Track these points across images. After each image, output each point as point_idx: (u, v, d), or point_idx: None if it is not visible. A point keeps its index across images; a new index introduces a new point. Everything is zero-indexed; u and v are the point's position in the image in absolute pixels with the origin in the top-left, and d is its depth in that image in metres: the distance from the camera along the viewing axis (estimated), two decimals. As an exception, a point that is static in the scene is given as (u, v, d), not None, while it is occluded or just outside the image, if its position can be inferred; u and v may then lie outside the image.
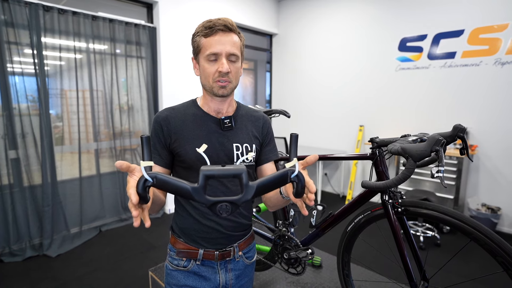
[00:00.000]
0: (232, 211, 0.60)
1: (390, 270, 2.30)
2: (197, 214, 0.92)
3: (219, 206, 0.59)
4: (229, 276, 0.97)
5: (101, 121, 3.21)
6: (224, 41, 0.84)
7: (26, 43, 2.58)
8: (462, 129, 0.94)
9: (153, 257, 2.65)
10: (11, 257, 2.56)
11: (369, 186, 0.97)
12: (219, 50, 0.83)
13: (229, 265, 0.97)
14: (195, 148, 0.87)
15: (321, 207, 1.32)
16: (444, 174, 0.81)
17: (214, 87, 0.87)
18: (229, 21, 0.85)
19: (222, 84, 0.86)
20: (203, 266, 0.94)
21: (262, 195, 0.68)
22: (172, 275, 0.95)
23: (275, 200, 0.88)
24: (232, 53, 0.85)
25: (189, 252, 0.94)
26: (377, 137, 1.13)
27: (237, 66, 0.88)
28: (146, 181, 0.59)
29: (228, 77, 0.86)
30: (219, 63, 0.84)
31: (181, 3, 3.56)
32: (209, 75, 0.86)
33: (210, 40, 0.84)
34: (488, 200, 3.25)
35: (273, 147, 1.04)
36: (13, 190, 2.59)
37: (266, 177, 0.63)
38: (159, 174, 0.59)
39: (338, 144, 4.41)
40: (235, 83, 0.89)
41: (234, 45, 0.85)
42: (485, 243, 0.86)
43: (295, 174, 0.63)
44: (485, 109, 3.19)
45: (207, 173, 0.58)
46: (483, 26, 3.13)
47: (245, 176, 0.59)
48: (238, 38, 0.87)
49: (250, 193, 0.60)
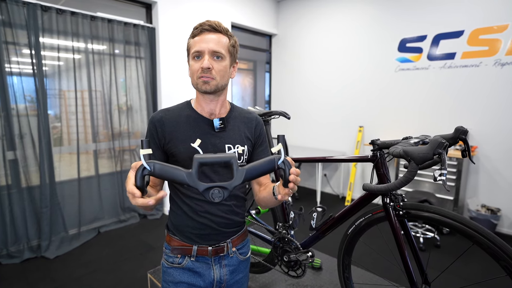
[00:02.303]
0: (224, 196, 0.64)
1: (391, 272, 2.29)
2: (190, 211, 0.94)
3: (211, 192, 0.64)
4: (223, 272, 0.99)
5: (99, 121, 3.20)
6: (208, 39, 0.88)
7: (24, 43, 2.56)
8: (464, 131, 0.94)
9: (152, 258, 2.63)
10: (9, 258, 2.54)
11: (371, 189, 0.96)
12: (202, 48, 0.87)
13: (223, 261, 0.99)
14: (190, 144, 0.90)
15: (321, 209, 1.31)
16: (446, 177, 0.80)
17: (198, 83, 0.90)
18: (216, 22, 0.90)
19: (204, 79, 0.88)
20: (198, 262, 0.97)
21: (252, 180, 0.74)
22: (168, 272, 0.98)
23: (268, 200, 0.93)
24: (215, 50, 0.87)
25: (183, 248, 0.96)
26: (378, 139, 1.13)
27: (222, 64, 0.90)
28: (144, 169, 0.63)
29: (211, 73, 0.88)
30: (202, 60, 0.88)
31: (180, 3, 3.55)
32: (194, 72, 0.90)
33: (196, 39, 0.89)
34: (487, 201, 3.25)
35: (265, 148, 1.06)
36: (11, 191, 2.57)
37: (254, 163, 0.68)
38: (157, 162, 0.64)
39: (337, 145, 4.40)
40: (220, 81, 0.90)
41: (219, 44, 0.88)
42: (488, 246, 0.86)
43: (281, 160, 0.68)
44: (484, 110, 3.19)
45: (200, 160, 0.63)
46: (483, 27, 3.13)
47: (235, 162, 0.64)
48: (226, 38, 0.91)
49: (240, 178, 0.65)
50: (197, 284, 0.96)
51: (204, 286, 0.97)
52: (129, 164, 3.46)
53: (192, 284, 0.96)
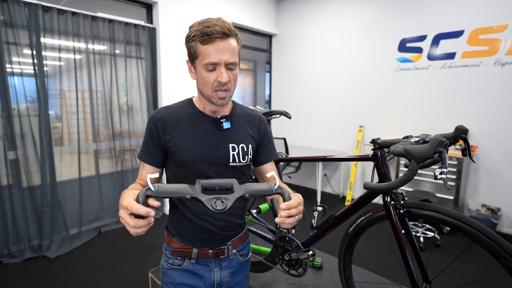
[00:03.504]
0: (227, 206, 0.68)
1: (392, 271, 2.30)
2: (191, 214, 0.93)
3: (213, 202, 0.68)
4: (223, 274, 0.98)
5: (100, 121, 3.20)
6: (222, 49, 0.81)
7: (25, 43, 2.57)
8: (464, 130, 0.94)
9: (153, 258, 2.64)
10: (10, 258, 2.54)
11: (371, 188, 0.97)
12: (218, 60, 0.81)
13: (223, 263, 0.98)
14: (192, 143, 0.90)
15: (321, 208, 1.31)
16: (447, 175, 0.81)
17: (213, 97, 0.86)
18: (226, 25, 0.82)
19: (221, 95, 0.85)
20: (198, 265, 0.96)
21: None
22: (168, 273, 0.97)
23: (273, 206, 0.92)
24: (232, 62, 0.83)
25: (183, 251, 0.95)
26: (378, 138, 1.13)
27: (235, 73, 0.86)
28: (148, 190, 0.67)
29: (227, 85, 0.85)
30: (218, 72, 0.82)
31: (180, 3, 3.55)
32: (208, 84, 0.84)
33: (208, 48, 0.81)
34: (488, 200, 3.25)
35: (272, 147, 1.04)
36: (12, 191, 2.57)
37: (255, 185, 0.74)
38: (161, 184, 0.69)
39: (337, 144, 4.41)
40: (233, 90, 0.89)
41: (233, 53, 0.83)
42: (488, 245, 0.86)
43: (276, 185, 0.74)
44: (484, 109, 3.19)
45: (204, 184, 0.71)
46: (483, 26, 3.13)
47: (235, 184, 0.72)
48: (236, 42, 0.85)
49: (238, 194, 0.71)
50: (197, 286, 0.95)
51: None
52: (129, 164, 3.46)
53: (192, 286, 0.95)
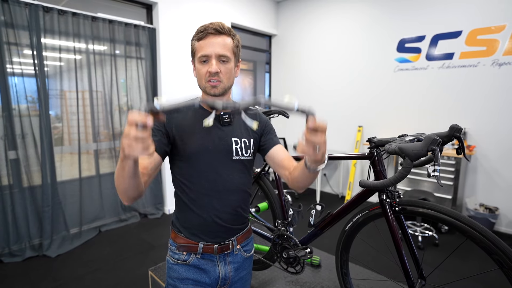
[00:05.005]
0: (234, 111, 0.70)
1: (388, 269, 2.31)
2: (197, 208, 0.95)
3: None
4: (228, 269, 1.01)
5: (100, 121, 3.22)
6: (214, 43, 0.89)
7: (26, 44, 2.59)
8: (458, 129, 0.95)
9: (153, 257, 2.65)
10: (11, 257, 2.56)
11: (367, 185, 0.98)
12: (209, 52, 0.89)
13: (228, 258, 1.01)
14: (197, 137, 0.93)
15: (319, 207, 1.33)
16: (440, 173, 0.82)
17: (207, 87, 0.92)
18: (220, 24, 0.90)
19: (212, 84, 0.91)
20: (203, 260, 0.98)
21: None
22: (173, 269, 0.99)
23: (303, 178, 0.88)
24: (222, 54, 0.89)
25: (189, 246, 0.97)
26: (374, 137, 1.15)
27: (228, 67, 0.92)
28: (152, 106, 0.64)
29: (219, 77, 0.90)
30: (209, 64, 0.90)
31: (180, 4, 3.57)
32: (202, 76, 0.92)
33: (202, 43, 0.90)
34: (486, 200, 3.27)
35: (275, 134, 1.09)
36: (12, 190, 2.59)
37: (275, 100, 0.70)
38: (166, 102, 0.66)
39: (337, 144, 4.42)
40: (227, 83, 0.93)
41: (225, 47, 0.90)
42: (480, 241, 0.88)
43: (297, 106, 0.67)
44: (482, 109, 3.21)
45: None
46: (481, 27, 3.15)
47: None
48: (230, 40, 0.92)
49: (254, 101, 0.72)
50: (203, 280, 0.98)
51: (209, 283, 0.98)
52: (129, 163, 3.47)
53: (198, 280, 0.97)
